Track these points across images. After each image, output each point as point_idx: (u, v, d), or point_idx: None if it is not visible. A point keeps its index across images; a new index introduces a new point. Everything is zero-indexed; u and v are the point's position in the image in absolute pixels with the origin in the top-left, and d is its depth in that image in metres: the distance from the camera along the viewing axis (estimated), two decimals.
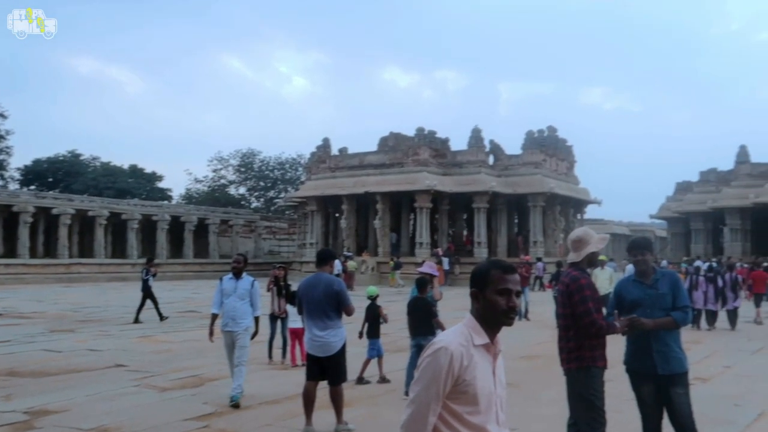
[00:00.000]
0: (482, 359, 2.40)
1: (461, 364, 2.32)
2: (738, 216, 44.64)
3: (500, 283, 2.43)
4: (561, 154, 40.85)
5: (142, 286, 17.36)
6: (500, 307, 2.41)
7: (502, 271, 2.47)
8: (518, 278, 2.51)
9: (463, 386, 2.33)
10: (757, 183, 44.56)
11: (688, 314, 4.84)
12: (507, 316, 2.44)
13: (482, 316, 2.46)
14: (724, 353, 12.07)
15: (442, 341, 2.38)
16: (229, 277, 8.06)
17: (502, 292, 2.42)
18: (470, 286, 2.54)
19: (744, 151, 47.37)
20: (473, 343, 2.39)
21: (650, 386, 4.76)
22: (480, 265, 2.58)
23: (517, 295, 2.46)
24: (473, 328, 2.44)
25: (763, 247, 41.95)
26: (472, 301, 2.52)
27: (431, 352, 2.35)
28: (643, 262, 4.88)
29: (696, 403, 6.95)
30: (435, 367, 2.31)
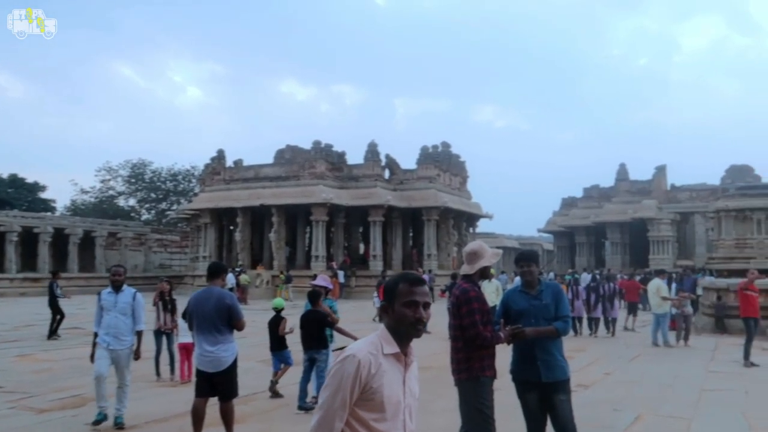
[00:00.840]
0: (392, 368, 2.46)
1: (369, 371, 2.37)
2: (618, 230, 47.18)
3: (407, 296, 2.51)
4: (454, 170, 41.88)
5: (49, 301, 16.41)
6: (408, 319, 2.49)
7: (410, 284, 2.54)
8: (426, 290, 2.58)
9: (370, 393, 2.38)
10: (635, 199, 47.26)
11: (568, 324, 5.09)
12: (415, 328, 2.51)
13: (392, 328, 2.52)
14: (605, 360, 12.68)
15: (351, 349, 2.44)
16: (108, 291, 7.48)
17: (409, 305, 2.49)
18: (383, 299, 2.61)
19: (624, 169, 50.16)
20: (383, 352, 2.45)
21: (534, 394, 4.96)
22: (389, 279, 2.66)
23: (425, 306, 2.52)
24: (384, 338, 2.50)
25: (640, 260, 44.47)
26: (383, 314, 2.59)
27: (340, 360, 2.41)
28: (528, 273, 5.09)
29: (578, 409, 7.27)
30: (343, 374, 2.36)
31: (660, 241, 44.34)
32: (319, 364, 8.08)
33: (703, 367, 11.89)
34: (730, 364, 12.17)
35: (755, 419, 7.73)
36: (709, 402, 8.80)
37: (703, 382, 10.34)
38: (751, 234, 32.23)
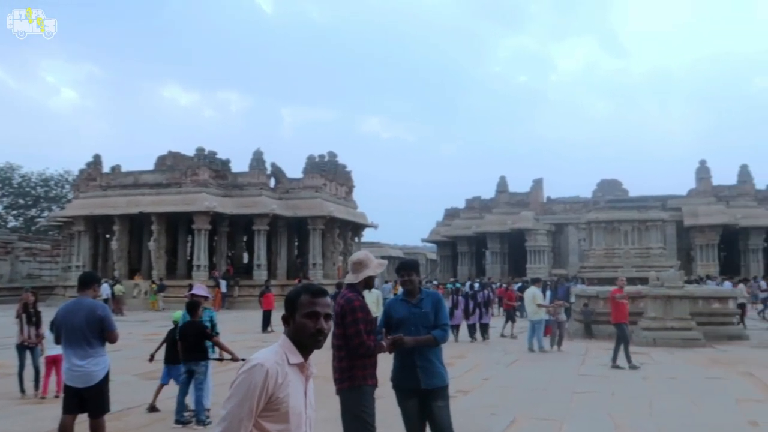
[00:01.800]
0: (296, 379, 2.44)
1: (276, 381, 2.35)
2: (498, 240, 48.85)
3: (308, 307, 2.50)
4: (341, 179, 42.04)
5: None
6: (308, 330, 2.48)
7: (311, 295, 2.54)
8: (328, 301, 2.57)
9: (276, 403, 2.35)
10: (514, 211, 49.14)
11: (447, 332, 5.20)
12: (315, 339, 2.50)
13: (294, 339, 2.50)
14: (484, 366, 13.06)
15: (257, 358, 2.39)
16: None
17: (310, 316, 2.48)
18: (284, 310, 2.59)
19: (503, 181, 52.08)
20: (288, 362, 2.42)
21: (414, 401, 5.03)
22: (292, 290, 2.64)
23: (326, 318, 2.51)
24: (288, 348, 2.47)
25: (518, 268, 46.23)
26: (284, 325, 2.56)
27: (247, 369, 2.36)
28: (409, 283, 5.17)
29: (457, 415, 7.45)
30: (250, 384, 2.32)
31: (537, 250, 46.25)
32: (198, 376, 7.84)
33: (574, 370, 12.48)
34: (598, 367, 12.83)
35: (620, 418, 8.19)
36: (579, 404, 9.24)
37: (574, 385, 10.84)
38: (619, 244, 34.20)
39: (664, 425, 7.88)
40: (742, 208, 44.31)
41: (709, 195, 45.89)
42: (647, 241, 34.01)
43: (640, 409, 8.83)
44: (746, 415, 8.43)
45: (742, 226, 43.03)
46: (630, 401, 9.37)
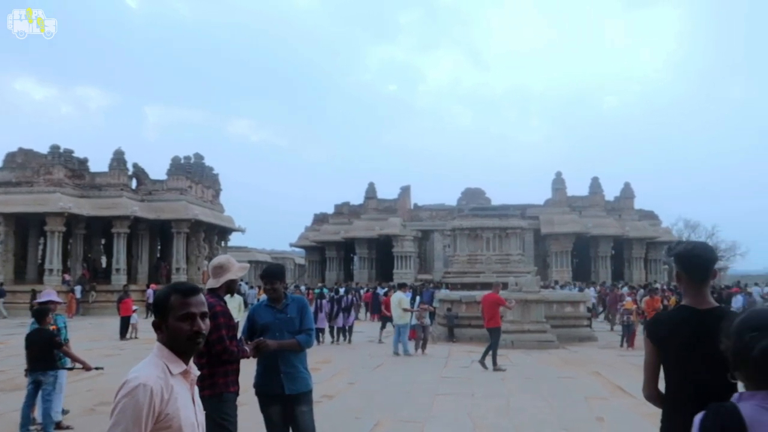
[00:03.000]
0: (182, 389, 2.27)
1: (162, 398, 2.15)
2: (366, 246, 49.33)
3: (181, 309, 2.30)
4: (207, 182, 40.97)
5: None
6: (184, 333, 2.28)
7: (182, 294, 2.33)
8: (202, 300, 2.38)
9: (166, 421, 2.16)
10: (382, 217, 49.81)
11: (312, 336, 5.16)
12: (194, 342, 2.31)
13: (169, 345, 2.30)
14: (350, 371, 13.12)
15: (138, 378, 2.16)
16: None
17: (184, 318, 2.29)
18: (153, 315, 2.38)
19: (372, 187, 52.69)
20: (171, 373, 2.23)
21: (278, 406, 4.96)
22: (159, 291, 2.43)
23: (202, 317, 2.33)
24: (167, 357, 2.27)
25: (386, 274, 46.85)
26: (156, 332, 2.35)
27: (128, 392, 2.12)
28: (273, 291, 5.10)
29: (322, 420, 7.41)
30: (134, 408, 2.10)
31: (404, 256, 47.11)
32: (46, 387, 7.34)
33: (437, 373, 12.79)
34: (460, 369, 13.23)
35: (479, 418, 8.48)
36: (441, 405, 9.47)
37: (437, 387, 11.11)
38: (481, 250, 35.48)
39: (520, 423, 8.24)
40: (593, 218, 47.34)
41: (563, 205, 48.67)
42: (507, 248, 35.49)
43: (498, 408, 9.18)
44: (594, 412, 8.98)
45: (593, 234, 45.99)
46: (489, 401, 9.72)
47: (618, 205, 50.75)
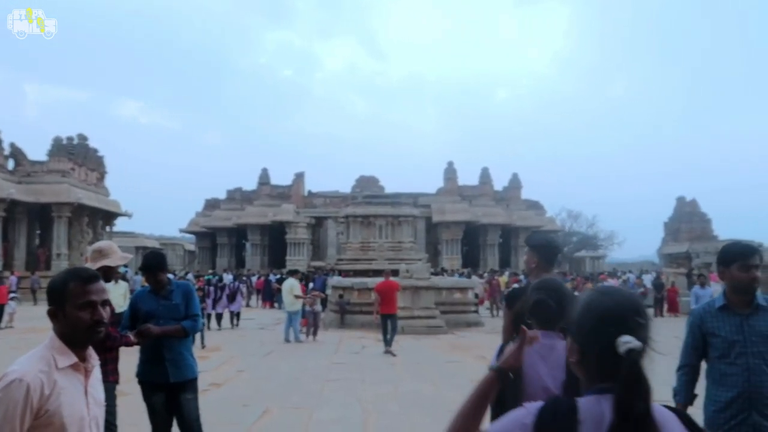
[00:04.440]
0: (70, 382, 2.13)
1: (42, 394, 2.03)
2: (258, 232, 48.80)
3: (82, 297, 2.17)
4: (91, 164, 39.19)
5: None
6: (85, 322, 2.16)
7: (83, 281, 2.20)
8: (102, 287, 2.25)
9: (47, 418, 2.04)
10: (275, 203, 49.38)
11: (198, 322, 5.07)
12: (95, 331, 2.19)
13: (65, 335, 2.17)
14: (239, 359, 12.97)
15: (15, 372, 2.04)
16: None
17: (84, 306, 2.16)
18: (48, 303, 2.23)
19: (266, 173, 52.10)
20: (57, 367, 2.10)
21: (161, 395, 4.86)
22: (56, 277, 2.26)
23: (104, 305, 2.22)
24: (57, 349, 2.14)
25: (278, 261, 46.52)
26: (51, 320, 2.21)
27: (2, 387, 2.00)
28: (155, 282, 4.97)
29: (210, 408, 7.31)
30: (8, 405, 1.98)
31: (297, 243, 46.89)
32: None
33: (328, 359, 12.85)
34: (351, 355, 13.36)
35: (368, 402, 8.61)
36: (331, 391, 9.54)
37: (327, 373, 11.17)
38: (374, 238, 35.75)
39: (407, 405, 8.43)
40: (482, 207, 48.78)
41: (455, 194, 49.88)
42: (399, 236, 35.95)
43: (386, 392, 9.34)
44: None
45: (482, 223, 47.41)
46: (378, 386, 9.87)
47: (506, 194, 52.54)
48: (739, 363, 3.27)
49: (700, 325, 3.44)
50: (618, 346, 1.49)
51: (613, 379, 1.50)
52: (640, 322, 1.56)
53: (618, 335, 1.50)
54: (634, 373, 1.47)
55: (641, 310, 1.60)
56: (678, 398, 3.52)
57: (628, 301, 1.60)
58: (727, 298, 3.38)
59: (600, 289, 1.71)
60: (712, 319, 3.40)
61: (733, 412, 3.25)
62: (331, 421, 7.70)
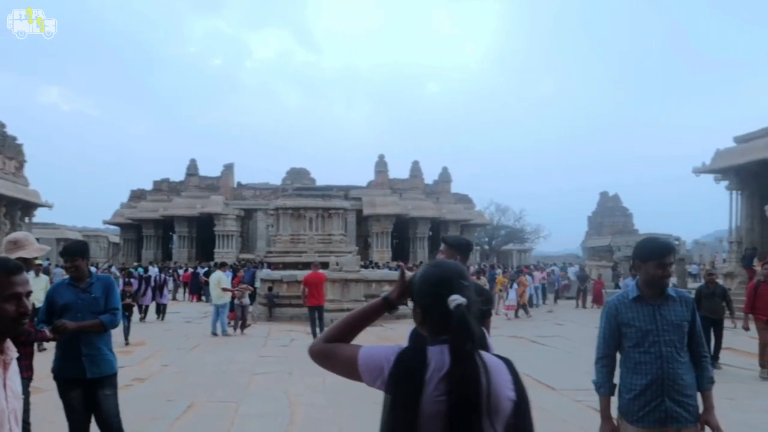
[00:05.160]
0: None
1: None
2: (186, 224, 47.89)
3: (7, 288, 2.08)
4: (9, 152, 37.58)
5: None
6: (9, 315, 2.06)
7: (7, 273, 2.10)
8: (26, 278, 2.16)
9: None
10: (203, 194, 48.53)
11: (117, 316, 4.92)
12: (18, 323, 2.10)
13: None
14: (164, 353, 12.71)
15: None
16: None
17: (10, 298, 2.07)
18: None
19: (194, 164, 51.12)
20: None
21: (79, 391, 4.69)
22: None
23: (27, 296, 2.12)
24: None
25: (207, 253, 45.76)
26: None
27: None
28: (74, 269, 4.80)
29: (132, 403, 7.17)
30: None
31: (225, 235, 46.24)
32: None
33: (256, 353, 12.74)
34: (279, 348, 13.28)
35: (295, 396, 8.59)
36: (258, 385, 9.47)
37: (254, 367, 11.07)
38: (304, 230, 35.62)
39: (334, 398, 8.43)
40: (412, 200, 49.16)
41: (385, 187, 50.08)
42: (330, 228, 35.91)
43: (314, 385, 9.31)
44: None
45: (412, 216, 47.78)
46: (306, 379, 9.83)
47: (436, 188, 53.10)
48: (653, 351, 3.39)
49: (615, 315, 3.55)
50: (449, 304, 1.86)
51: (448, 331, 1.86)
52: (464, 284, 1.94)
53: (448, 296, 1.87)
54: (461, 322, 1.84)
55: (464, 276, 1.99)
56: (602, 391, 3.57)
57: (454, 269, 2.00)
58: (641, 289, 3.50)
59: (432, 263, 2.09)
60: (626, 310, 3.51)
61: (647, 398, 3.37)
62: (258, 414, 7.64)
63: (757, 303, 10.40)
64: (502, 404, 1.85)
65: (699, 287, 12.26)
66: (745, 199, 26.26)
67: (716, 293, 11.34)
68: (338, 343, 2.07)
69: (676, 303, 3.47)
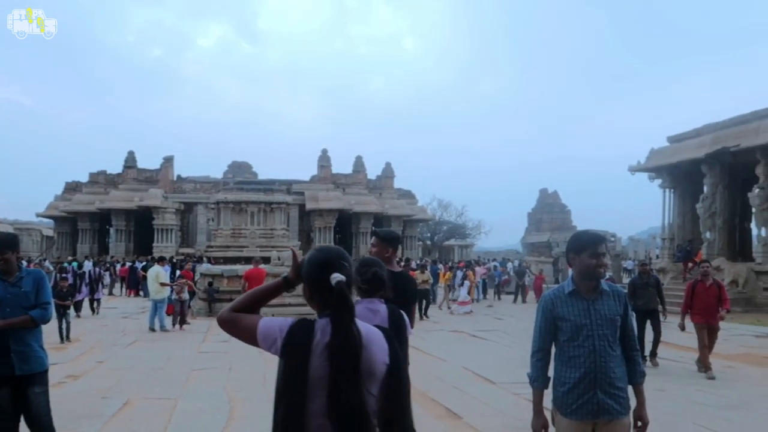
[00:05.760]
0: None
1: None
2: (123, 217, 46.80)
3: None
4: None
5: None
6: None
7: None
8: None
9: None
10: (142, 187, 47.53)
11: (48, 311, 4.76)
12: None
13: None
14: (100, 349, 12.43)
15: None
16: None
17: None
18: None
19: (132, 156, 49.97)
20: None
21: (7, 389, 4.52)
22: None
23: None
24: None
25: (145, 247, 44.82)
26: None
27: None
28: (3, 262, 4.64)
29: (66, 401, 7.01)
30: None
31: (164, 229, 45.36)
32: None
33: (195, 348, 12.57)
34: (219, 344, 13.12)
35: (234, 392, 8.50)
36: (196, 381, 9.34)
37: (193, 362, 10.92)
38: (246, 225, 35.20)
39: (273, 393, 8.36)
40: (355, 195, 49.17)
41: (328, 182, 49.95)
42: (272, 223, 35.58)
43: (254, 381, 9.23)
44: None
45: (355, 211, 47.78)
46: (246, 374, 9.75)
47: (379, 183, 53.21)
48: (586, 345, 3.46)
49: (551, 309, 3.60)
50: (331, 281, 2.17)
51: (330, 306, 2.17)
52: (344, 264, 2.27)
53: (330, 274, 2.19)
54: (341, 297, 2.15)
55: (344, 257, 2.31)
56: (536, 384, 3.60)
57: (336, 253, 2.33)
58: (576, 283, 3.57)
59: (316, 248, 2.44)
60: (562, 304, 3.57)
61: (580, 391, 3.44)
62: (197, 411, 7.53)
63: (695, 302, 10.37)
64: (377, 368, 2.14)
65: (632, 279, 12.34)
66: (677, 197, 27.18)
67: (650, 284, 11.33)
68: (243, 313, 2.34)
69: (609, 298, 3.54)
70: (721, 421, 7.14)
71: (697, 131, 25.51)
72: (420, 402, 8.11)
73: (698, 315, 10.30)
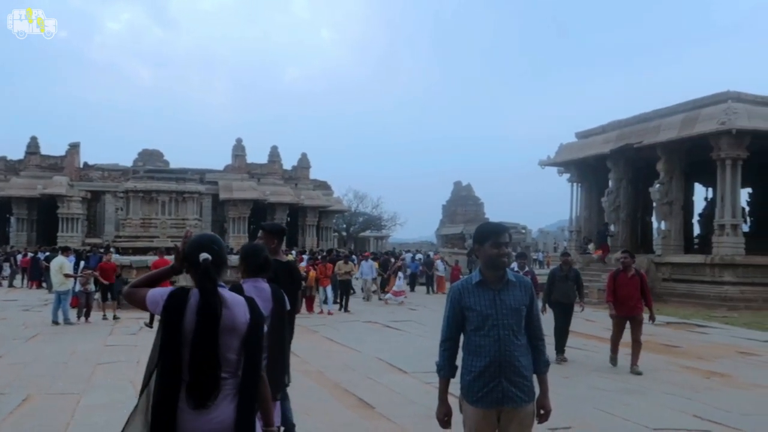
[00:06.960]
0: None
1: None
2: (25, 206, 44.77)
3: None
4: None
5: None
6: None
7: None
8: None
9: None
10: (46, 175, 45.59)
11: None
12: None
13: None
14: None
15: None
16: None
17: None
18: None
19: (35, 142, 47.80)
20: None
21: None
22: None
23: None
24: None
25: (49, 237, 43.02)
26: None
27: None
28: None
29: None
30: None
31: (70, 218, 43.68)
32: None
33: (101, 341, 12.16)
34: (127, 337, 12.76)
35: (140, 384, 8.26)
36: (102, 375, 9.04)
37: (99, 356, 10.56)
38: (156, 214, 34.36)
39: None
40: (271, 186, 48.66)
41: (243, 171, 49.23)
42: (184, 212, 34.84)
43: None
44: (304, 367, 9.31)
45: (270, 201, 47.31)
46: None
47: (295, 174, 52.84)
48: (492, 335, 3.54)
49: (459, 299, 3.67)
50: (199, 258, 2.76)
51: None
52: (214, 248, 2.86)
53: (199, 253, 2.78)
54: (205, 269, 2.75)
55: (215, 242, 2.93)
56: (442, 373, 3.65)
57: (209, 239, 2.95)
58: (482, 274, 3.65)
59: (197, 234, 3.05)
60: (469, 295, 3.64)
61: (486, 380, 3.52)
62: (101, 406, 7.29)
63: (618, 293, 10.06)
64: (238, 325, 2.76)
65: (552, 270, 11.92)
66: (584, 191, 28.20)
67: (570, 277, 11.01)
68: (140, 288, 2.95)
69: (515, 288, 3.63)
70: (621, 406, 7.47)
71: (603, 128, 26.50)
72: (333, 393, 8.14)
73: (621, 306, 10.04)
